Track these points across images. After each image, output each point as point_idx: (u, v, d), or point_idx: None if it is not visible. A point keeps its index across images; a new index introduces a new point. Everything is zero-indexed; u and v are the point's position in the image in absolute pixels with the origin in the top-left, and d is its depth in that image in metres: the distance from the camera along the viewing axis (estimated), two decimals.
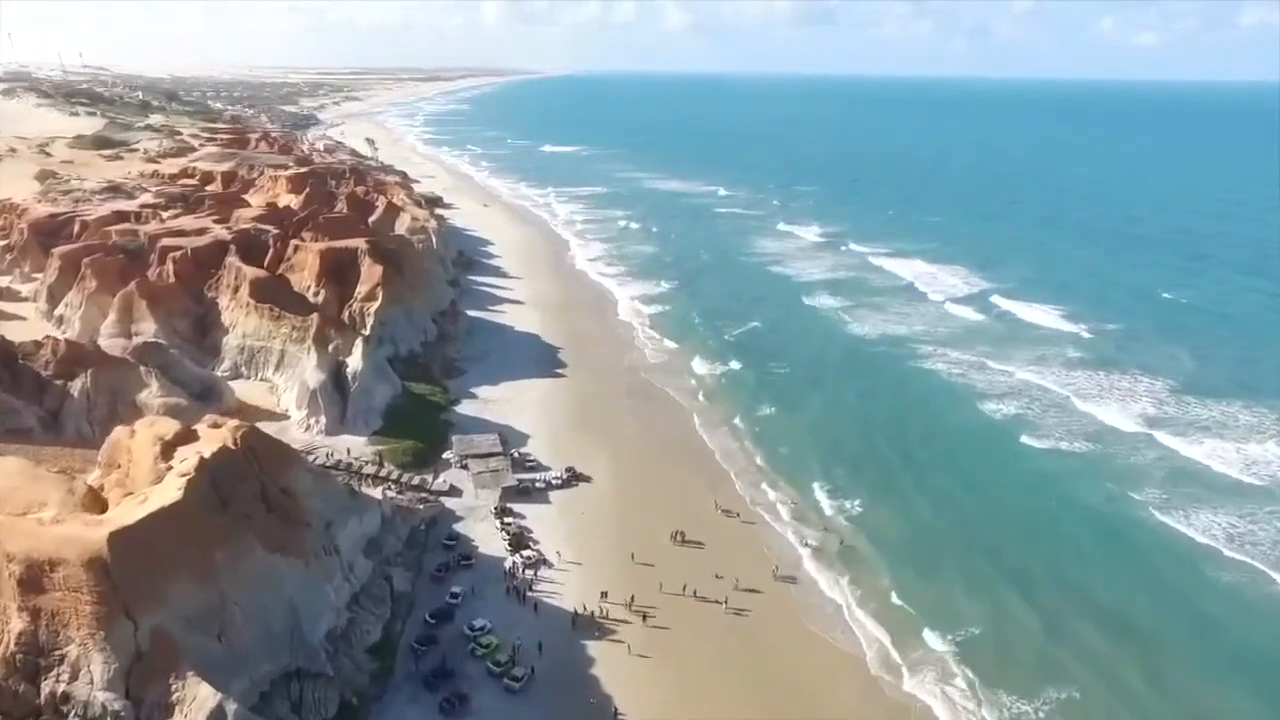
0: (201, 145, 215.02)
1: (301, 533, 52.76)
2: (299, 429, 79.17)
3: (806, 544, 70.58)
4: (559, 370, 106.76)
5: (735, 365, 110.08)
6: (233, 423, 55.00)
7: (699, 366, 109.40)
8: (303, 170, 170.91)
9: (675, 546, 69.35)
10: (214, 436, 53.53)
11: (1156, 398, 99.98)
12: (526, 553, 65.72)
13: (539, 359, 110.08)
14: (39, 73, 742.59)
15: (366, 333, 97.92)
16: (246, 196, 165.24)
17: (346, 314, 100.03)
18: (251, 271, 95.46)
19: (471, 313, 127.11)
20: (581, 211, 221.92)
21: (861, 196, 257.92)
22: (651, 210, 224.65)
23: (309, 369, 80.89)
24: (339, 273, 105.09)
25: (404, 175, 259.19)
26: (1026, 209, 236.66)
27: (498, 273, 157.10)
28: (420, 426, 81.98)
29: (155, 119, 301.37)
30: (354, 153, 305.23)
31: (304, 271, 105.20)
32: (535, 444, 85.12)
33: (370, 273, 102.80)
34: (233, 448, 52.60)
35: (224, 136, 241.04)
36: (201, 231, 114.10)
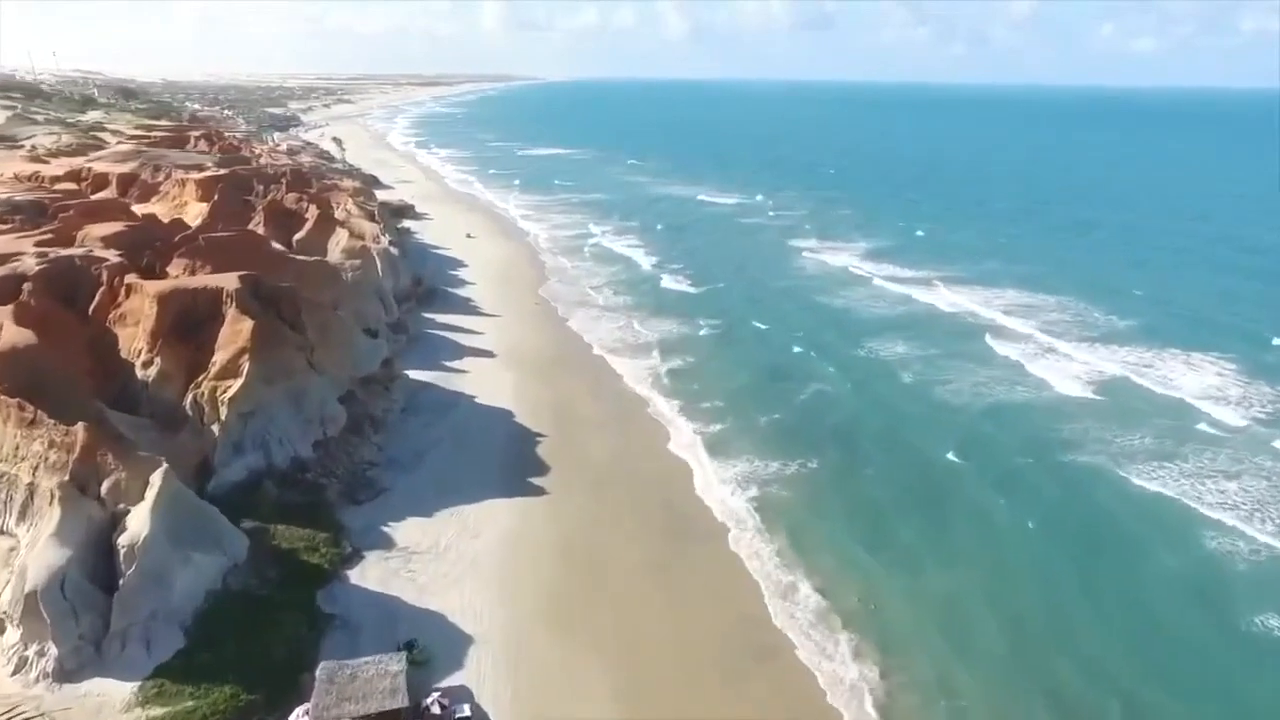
0: (119, 143, 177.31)
1: None
2: (3, 665, 40.79)
3: None
4: (535, 480, 68.22)
5: (805, 465, 71.78)
6: None
7: (748, 467, 70.86)
8: (220, 173, 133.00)
9: None
10: None
11: None
12: None
13: (507, 458, 71.55)
14: (19, 75, 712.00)
15: (221, 423, 59.82)
16: (144, 205, 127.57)
17: (191, 399, 61.73)
18: (10, 333, 56.75)
19: (417, 374, 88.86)
20: (576, 224, 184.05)
21: (870, 202, 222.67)
22: (655, 220, 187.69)
23: (40, 541, 42.56)
24: (191, 329, 66.79)
25: (373, 179, 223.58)
26: (1050, 215, 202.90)
27: (465, 307, 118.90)
28: (261, 642, 43.57)
29: (92, 115, 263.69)
30: (322, 154, 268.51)
31: (136, 326, 67.05)
32: (479, 660, 46.72)
33: (234, 330, 64.37)
34: None
35: (157, 135, 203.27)
36: (3, 260, 75.89)
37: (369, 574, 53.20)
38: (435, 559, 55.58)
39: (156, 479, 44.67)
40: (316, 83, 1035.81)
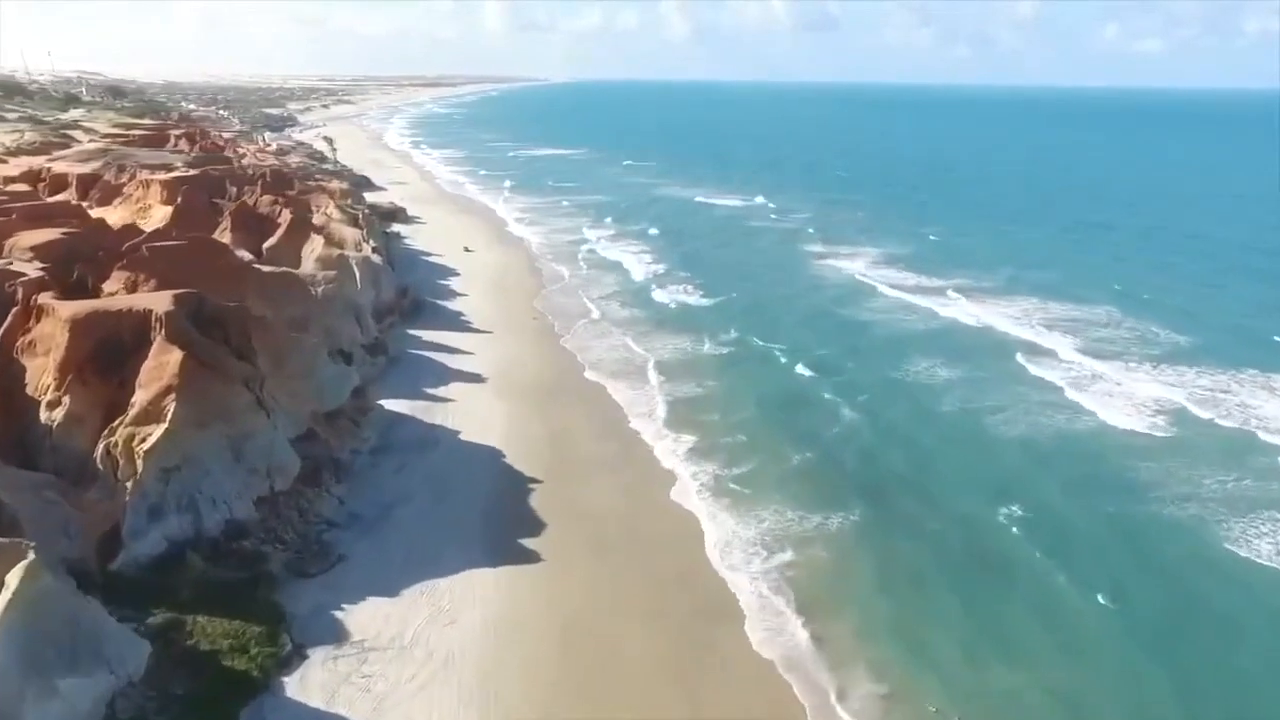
0: (91, 141, 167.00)
1: None
2: None
3: None
4: (526, 541, 57.41)
5: (837, 521, 60.98)
6: None
7: (773, 524, 59.64)
8: (189, 173, 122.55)
9: None
10: None
11: None
12: None
13: (493, 513, 60.66)
14: (18, 76, 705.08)
15: (135, 481, 49.33)
16: (104, 209, 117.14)
17: (102, 449, 51.22)
18: None
19: (394, 404, 78.28)
20: (574, 227, 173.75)
21: (877, 204, 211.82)
22: (655, 223, 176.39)
23: None
24: (114, 361, 56.29)
25: (364, 180, 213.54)
26: (1061, 216, 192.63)
27: (455, 322, 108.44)
28: None
29: (73, 114, 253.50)
30: (314, 154, 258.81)
31: (47, 356, 56.57)
32: None
33: (159, 363, 53.80)
34: None
35: (135, 133, 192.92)
36: None
37: (311, 682, 42.45)
38: (398, 657, 44.87)
39: (13, 578, 33.95)
40: (318, 84, 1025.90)
